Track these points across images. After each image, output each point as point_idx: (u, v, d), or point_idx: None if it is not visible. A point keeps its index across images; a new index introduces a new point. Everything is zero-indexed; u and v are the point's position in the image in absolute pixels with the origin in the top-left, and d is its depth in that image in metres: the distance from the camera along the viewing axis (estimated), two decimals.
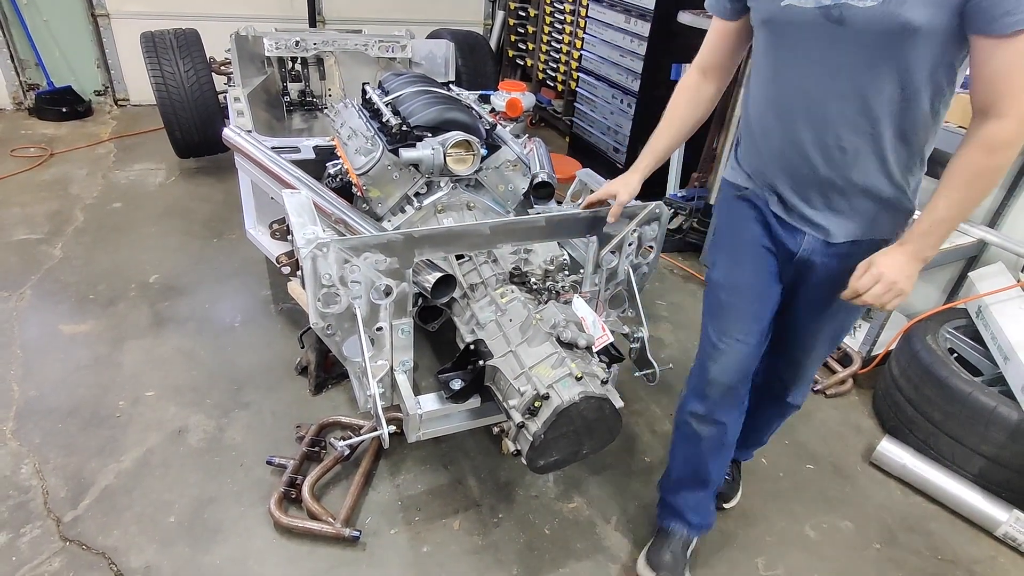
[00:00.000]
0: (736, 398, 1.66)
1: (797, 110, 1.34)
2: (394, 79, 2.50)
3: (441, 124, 2.08)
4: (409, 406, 1.70)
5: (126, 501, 1.94)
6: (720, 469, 1.80)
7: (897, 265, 1.29)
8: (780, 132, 1.39)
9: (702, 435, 1.70)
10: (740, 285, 1.58)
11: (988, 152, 1.18)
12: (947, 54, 1.17)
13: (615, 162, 4.09)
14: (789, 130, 1.37)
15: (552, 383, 1.56)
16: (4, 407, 2.24)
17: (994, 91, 1.14)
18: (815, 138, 1.33)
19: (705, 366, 1.64)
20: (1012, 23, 1.08)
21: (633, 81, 3.78)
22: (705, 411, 1.67)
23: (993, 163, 1.19)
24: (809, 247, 1.47)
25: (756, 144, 1.48)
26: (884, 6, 1.13)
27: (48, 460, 2.06)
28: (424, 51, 3.94)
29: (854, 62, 1.22)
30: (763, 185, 1.49)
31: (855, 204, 1.38)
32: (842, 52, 1.22)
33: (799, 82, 1.32)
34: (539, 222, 1.76)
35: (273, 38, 3.67)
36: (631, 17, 3.73)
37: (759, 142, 1.47)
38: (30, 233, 3.27)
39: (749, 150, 1.52)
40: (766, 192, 1.49)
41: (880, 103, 1.24)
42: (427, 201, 2.10)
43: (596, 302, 1.97)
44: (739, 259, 1.58)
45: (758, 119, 1.45)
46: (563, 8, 4.89)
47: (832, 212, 1.41)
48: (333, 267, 1.56)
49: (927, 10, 1.11)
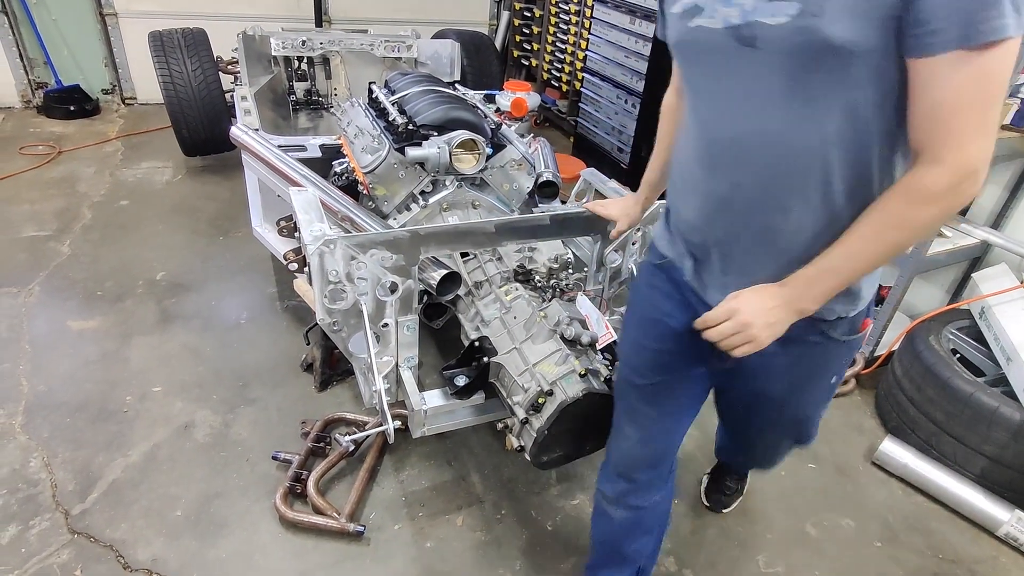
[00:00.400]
0: (647, 486, 1.46)
1: (723, 158, 1.07)
2: (400, 78, 2.51)
3: (447, 123, 2.10)
4: (414, 402, 1.72)
5: (133, 495, 1.96)
6: (646, 548, 1.56)
7: (760, 307, 1.04)
8: (704, 184, 1.12)
9: (614, 517, 1.50)
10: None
11: (911, 203, 0.93)
12: (900, 85, 0.91)
13: (619, 162, 4.10)
14: (713, 182, 1.10)
15: (556, 379, 1.57)
16: (13, 402, 2.26)
17: (930, 129, 0.89)
18: (746, 193, 1.06)
19: (610, 448, 1.48)
20: (946, 41, 0.83)
21: (638, 82, 3.79)
22: (614, 494, 1.48)
23: (915, 217, 0.93)
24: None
25: (678, 198, 1.23)
26: (798, 20, 0.89)
27: (56, 454, 2.08)
28: (430, 51, 3.96)
29: (782, 96, 0.96)
30: (682, 252, 1.24)
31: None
32: (766, 84, 0.96)
33: (722, 122, 1.05)
34: (543, 220, 1.77)
35: (280, 37, 3.69)
36: (636, 18, 3.74)
37: (680, 197, 1.22)
38: (39, 230, 3.30)
39: (672, 207, 1.27)
40: (683, 260, 1.24)
41: (821, 152, 0.97)
42: (433, 199, 2.12)
43: (600, 300, 1.98)
44: (645, 341, 1.35)
45: (680, 167, 1.21)
46: (568, 9, 4.91)
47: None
48: (340, 264, 1.58)
49: (852, 23, 0.86)
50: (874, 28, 0.86)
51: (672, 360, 1.32)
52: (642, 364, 1.36)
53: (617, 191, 2.15)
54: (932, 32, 0.82)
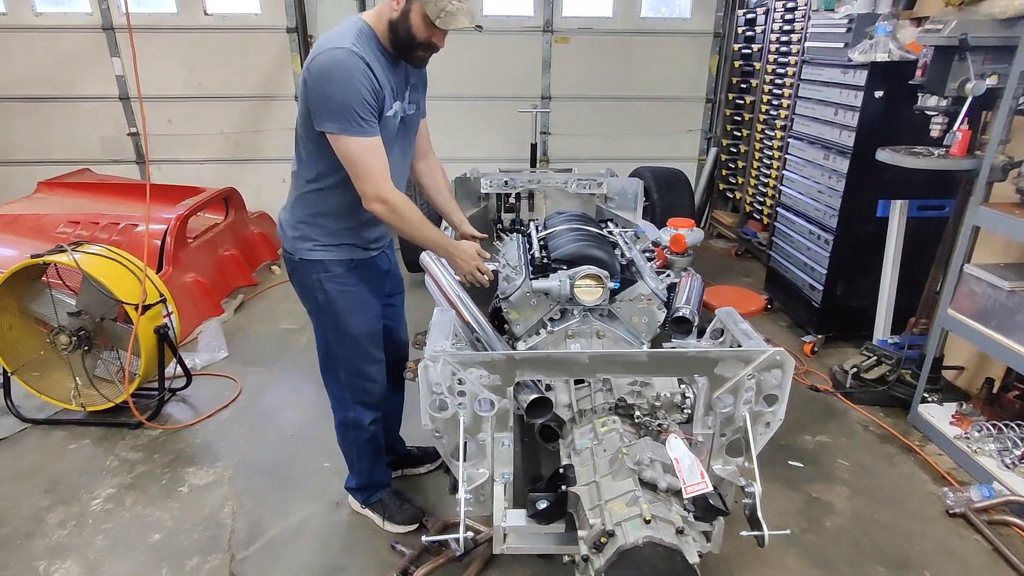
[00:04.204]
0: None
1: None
2: (556, 216, 2.80)
3: (577, 258, 2.28)
4: (496, 517, 1.80)
5: (281, 553, 2.32)
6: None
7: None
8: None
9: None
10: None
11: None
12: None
13: (811, 300, 3.80)
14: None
15: (621, 521, 1.54)
16: (230, 457, 2.87)
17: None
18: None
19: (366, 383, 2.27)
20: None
21: (831, 218, 3.57)
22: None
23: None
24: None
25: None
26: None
27: (243, 505, 2.57)
28: (617, 187, 4.27)
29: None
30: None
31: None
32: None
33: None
34: (640, 356, 1.80)
35: (488, 178, 4.34)
36: (831, 154, 3.60)
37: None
38: (290, 324, 4.21)
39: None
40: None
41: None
42: (559, 327, 2.27)
43: (704, 447, 1.88)
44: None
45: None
46: (772, 144, 4.88)
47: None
48: (443, 377, 1.80)
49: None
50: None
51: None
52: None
53: (748, 333, 2.06)
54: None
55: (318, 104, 1.82)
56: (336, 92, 1.78)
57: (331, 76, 1.78)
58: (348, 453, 2.39)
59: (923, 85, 2.86)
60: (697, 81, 6.12)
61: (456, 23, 1.86)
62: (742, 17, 5.42)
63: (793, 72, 4.46)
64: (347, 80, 1.77)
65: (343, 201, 2.01)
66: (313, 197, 2.03)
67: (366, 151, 1.85)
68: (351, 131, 1.81)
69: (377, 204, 1.90)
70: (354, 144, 1.84)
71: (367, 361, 2.21)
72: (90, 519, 2.50)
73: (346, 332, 2.14)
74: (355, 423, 2.28)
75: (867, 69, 3.22)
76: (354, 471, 2.43)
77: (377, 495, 2.45)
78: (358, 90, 1.78)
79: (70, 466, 2.82)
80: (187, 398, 3.34)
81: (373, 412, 2.28)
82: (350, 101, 1.78)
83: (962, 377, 3.37)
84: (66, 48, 5.59)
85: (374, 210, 1.91)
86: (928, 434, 3.02)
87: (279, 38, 5.73)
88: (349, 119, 1.80)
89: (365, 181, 1.88)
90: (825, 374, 3.56)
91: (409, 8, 1.84)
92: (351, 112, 1.79)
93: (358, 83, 1.78)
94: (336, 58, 1.78)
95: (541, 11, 5.83)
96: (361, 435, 2.30)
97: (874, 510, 2.57)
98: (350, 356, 2.19)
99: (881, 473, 2.79)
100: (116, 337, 3.11)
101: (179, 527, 2.46)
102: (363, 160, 1.86)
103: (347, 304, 2.11)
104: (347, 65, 1.77)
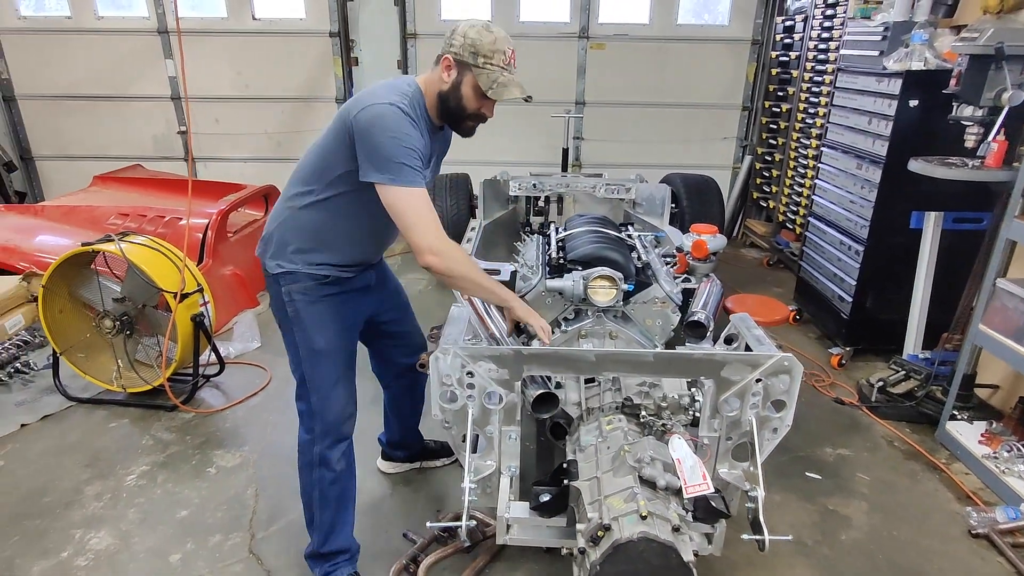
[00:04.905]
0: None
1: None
2: (577, 219, 2.84)
3: (592, 260, 2.31)
4: (500, 508, 1.85)
5: (298, 535, 2.40)
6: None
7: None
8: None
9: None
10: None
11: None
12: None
13: (840, 311, 3.74)
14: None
15: (618, 516, 1.57)
16: (258, 441, 3.00)
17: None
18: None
19: (332, 411, 2.11)
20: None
21: (862, 228, 3.51)
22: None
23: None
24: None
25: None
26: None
27: (266, 488, 2.68)
28: (645, 193, 4.27)
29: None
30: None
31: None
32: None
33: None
34: (646, 356, 1.82)
35: (517, 180, 4.41)
36: (863, 163, 3.54)
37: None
38: None
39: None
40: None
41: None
42: (572, 327, 2.31)
43: (709, 449, 1.89)
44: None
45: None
46: (807, 153, 4.82)
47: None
48: (453, 369, 1.85)
49: None
50: None
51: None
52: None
53: (760, 339, 2.06)
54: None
55: (367, 155, 1.79)
56: (389, 143, 1.76)
57: (384, 127, 1.76)
58: (308, 504, 2.16)
59: (958, 95, 2.80)
60: (733, 89, 6.07)
61: (508, 94, 1.86)
62: (780, 24, 5.36)
63: (830, 80, 4.39)
64: (398, 132, 1.77)
65: (328, 224, 1.95)
66: (299, 215, 1.97)
67: (416, 201, 1.81)
68: (400, 181, 1.78)
69: (430, 256, 1.82)
70: (404, 195, 1.79)
71: (338, 382, 2.08)
72: (124, 493, 2.65)
73: (315, 349, 2.02)
74: (322, 459, 2.08)
75: (902, 78, 3.17)
76: (314, 529, 2.16)
77: (338, 571, 2.15)
78: (410, 142, 1.78)
79: (109, 443, 2.98)
80: (220, 384, 3.49)
81: (340, 446, 2.11)
82: (400, 152, 1.76)
83: (996, 396, 3.27)
84: (123, 50, 5.91)
85: (428, 263, 1.83)
86: (956, 452, 2.94)
87: (322, 42, 5.92)
88: (400, 170, 1.77)
89: (415, 232, 1.82)
90: (852, 387, 3.49)
91: (461, 80, 1.86)
92: (401, 163, 1.77)
93: (409, 136, 1.78)
94: (388, 112, 1.77)
95: (577, 17, 5.88)
96: (326, 475, 2.09)
97: (892, 526, 2.52)
98: (321, 377, 2.05)
99: (903, 489, 2.73)
100: (156, 324, 3.28)
101: (205, 505, 2.58)
102: (413, 210, 1.81)
103: (316, 318, 2.00)
104: (398, 118, 1.78)
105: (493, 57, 1.84)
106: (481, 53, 1.83)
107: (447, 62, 1.87)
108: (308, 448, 2.12)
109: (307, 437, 2.12)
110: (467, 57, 1.84)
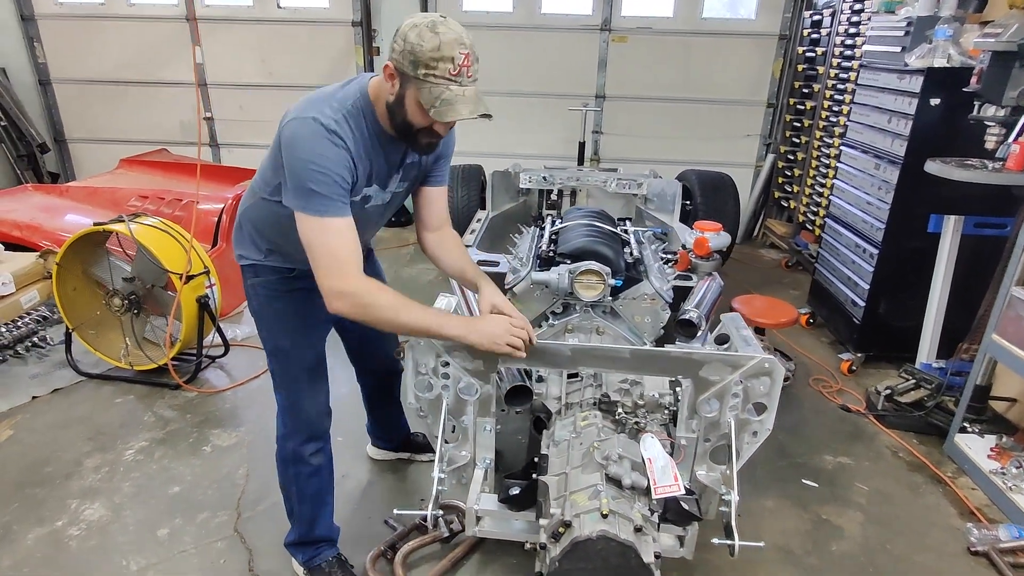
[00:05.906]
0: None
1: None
2: (574, 211, 2.80)
3: (581, 254, 2.28)
4: (470, 500, 1.84)
5: (282, 517, 2.40)
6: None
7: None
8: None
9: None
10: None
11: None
12: None
13: (852, 316, 3.62)
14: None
15: (580, 512, 1.55)
16: (254, 423, 3.05)
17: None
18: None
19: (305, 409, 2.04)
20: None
21: (877, 231, 3.39)
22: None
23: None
24: None
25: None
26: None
27: (257, 469, 2.72)
28: (656, 189, 4.20)
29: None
30: None
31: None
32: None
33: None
34: (622, 353, 1.79)
35: (528, 173, 4.38)
36: (881, 163, 3.42)
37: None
38: None
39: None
40: None
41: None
42: (559, 321, 2.29)
43: (684, 450, 1.85)
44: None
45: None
46: (829, 154, 4.67)
47: None
48: (428, 359, 1.85)
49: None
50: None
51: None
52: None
53: (748, 340, 2.01)
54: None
55: (286, 174, 1.60)
56: (298, 165, 1.56)
57: (295, 147, 1.56)
58: (288, 497, 2.11)
59: (979, 93, 2.67)
60: (758, 85, 5.92)
61: (453, 114, 1.53)
62: (808, 19, 5.20)
63: (855, 77, 4.24)
64: (310, 154, 1.55)
65: (286, 222, 1.69)
66: (261, 206, 1.84)
67: (323, 235, 1.58)
68: (308, 210, 1.57)
69: (336, 301, 1.60)
70: (312, 225, 1.58)
71: (305, 383, 1.99)
72: (121, 467, 2.72)
73: (279, 348, 1.96)
74: (295, 455, 2.02)
75: (923, 75, 3.04)
76: (294, 520, 2.13)
77: (320, 556, 2.13)
78: (323, 164, 1.55)
79: (113, 418, 3.07)
80: (224, 366, 3.55)
81: (315, 443, 2.04)
82: (309, 176, 1.54)
83: (1013, 410, 3.13)
84: (153, 37, 6.05)
85: (336, 309, 1.61)
86: (963, 466, 2.82)
87: (345, 31, 5.96)
88: (309, 197, 1.56)
89: (318, 271, 1.60)
90: (860, 394, 3.39)
91: (404, 93, 1.57)
92: (310, 189, 1.55)
93: (323, 157, 1.55)
94: (302, 131, 1.56)
95: (600, 10, 5.80)
96: (302, 470, 2.03)
97: (887, 539, 2.44)
98: (289, 376, 1.98)
99: (902, 502, 2.64)
100: (164, 304, 3.35)
101: (197, 483, 2.64)
102: (320, 245, 1.59)
103: (279, 315, 1.92)
104: (314, 138, 1.55)
105: (436, 68, 1.50)
106: (421, 62, 1.50)
107: (388, 70, 1.57)
108: (284, 443, 2.04)
109: (283, 431, 2.04)
110: (406, 67, 1.52)
